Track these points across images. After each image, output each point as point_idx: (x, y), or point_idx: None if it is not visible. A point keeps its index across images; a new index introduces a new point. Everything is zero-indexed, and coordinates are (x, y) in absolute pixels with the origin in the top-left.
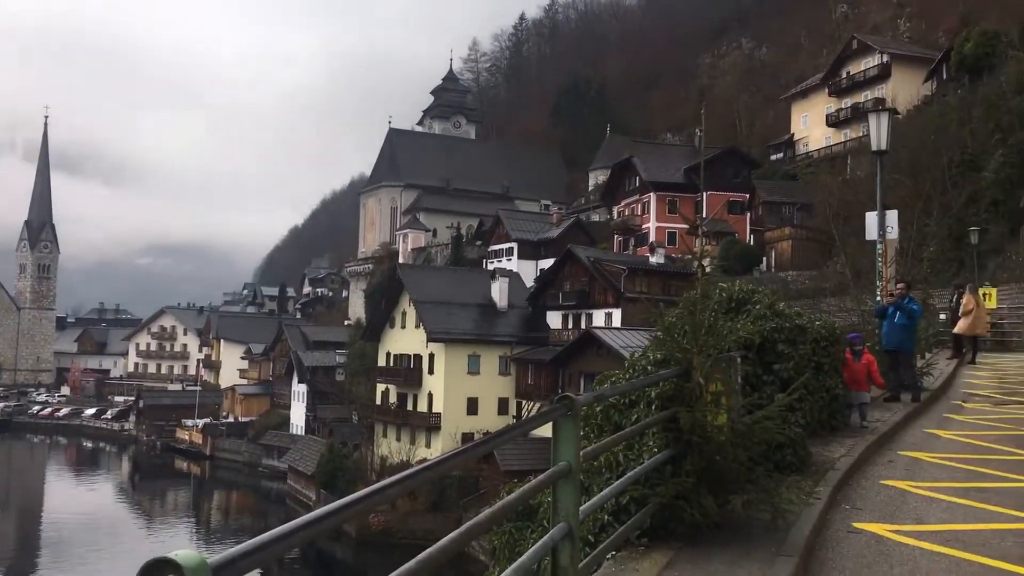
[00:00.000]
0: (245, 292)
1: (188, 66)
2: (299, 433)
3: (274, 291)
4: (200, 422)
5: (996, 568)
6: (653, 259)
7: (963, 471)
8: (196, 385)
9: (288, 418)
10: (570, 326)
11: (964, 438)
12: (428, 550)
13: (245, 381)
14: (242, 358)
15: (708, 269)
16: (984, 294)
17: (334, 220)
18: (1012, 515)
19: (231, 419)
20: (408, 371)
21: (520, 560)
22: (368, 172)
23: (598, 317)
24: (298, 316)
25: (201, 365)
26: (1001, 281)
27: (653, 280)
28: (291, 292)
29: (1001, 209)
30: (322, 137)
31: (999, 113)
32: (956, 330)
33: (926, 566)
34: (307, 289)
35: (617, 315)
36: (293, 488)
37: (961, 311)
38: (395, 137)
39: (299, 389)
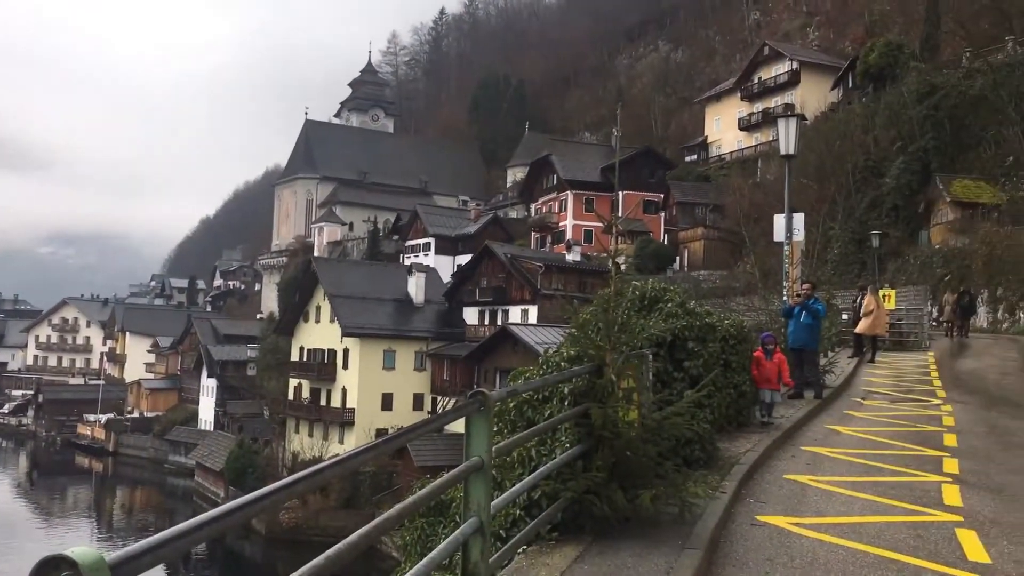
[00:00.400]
0: (153, 284)
1: (99, 51)
2: (208, 429)
3: (183, 283)
4: (103, 417)
5: (889, 558)
6: (569, 256)
7: (861, 466)
8: (99, 379)
9: (196, 413)
10: (487, 322)
11: (863, 434)
12: (336, 546)
13: (151, 375)
14: (148, 351)
15: (623, 267)
16: (884, 295)
17: (247, 212)
18: (905, 508)
19: (136, 414)
20: (322, 366)
21: (430, 555)
22: (283, 163)
23: (514, 313)
24: (208, 309)
25: (105, 358)
26: (900, 283)
27: (569, 277)
28: (201, 284)
29: (901, 214)
30: (236, 127)
31: (900, 122)
32: (857, 330)
33: (824, 557)
34: (218, 282)
35: (533, 311)
36: (201, 485)
37: (862, 312)
38: (312, 129)
39: (208, 384)
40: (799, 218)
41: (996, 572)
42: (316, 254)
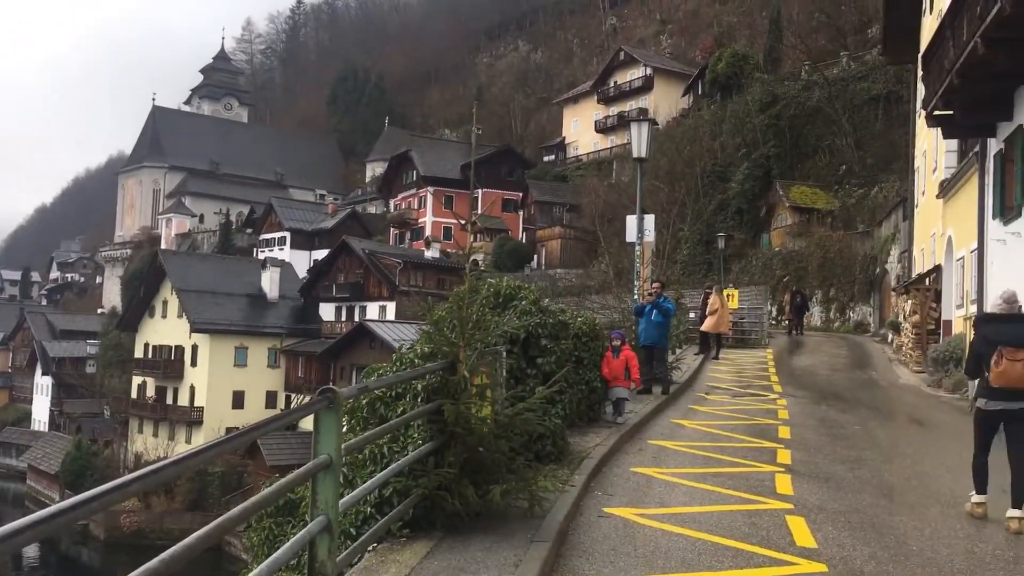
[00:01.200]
0: None
1: None
2: (42, 429)
3: (16, 275)
4: None
5: (725, 545)
6: (428, 253)
7: (702, 458)
8: None
9: (29, 413)
10: (343, 318)
11: (705, 427)
12: (172, 548)
13: None
14: None
15: (481, 265)
16: (727, 295)
17: (88, 200)
18: (742, 497)
19: None
20: (168, 363)
21: (275, 555)
22: (128, 151)
23: (372, 310)
24: (44, 303)
25: None
26: (743, 283)
27: (428, 274)
28: (36, 277)
29: (745, 217)
30: (76, 110)
31: (745, 129)
32: (702, 328)
33: (666, 546)
34: (55, 274)
35: (391, 308)
36: (34, 489)
37: (708, 311)
38: (159, 115)
39: (43, 382)
40: (650, 219)
41: (821, 555)
42: (163, 246)
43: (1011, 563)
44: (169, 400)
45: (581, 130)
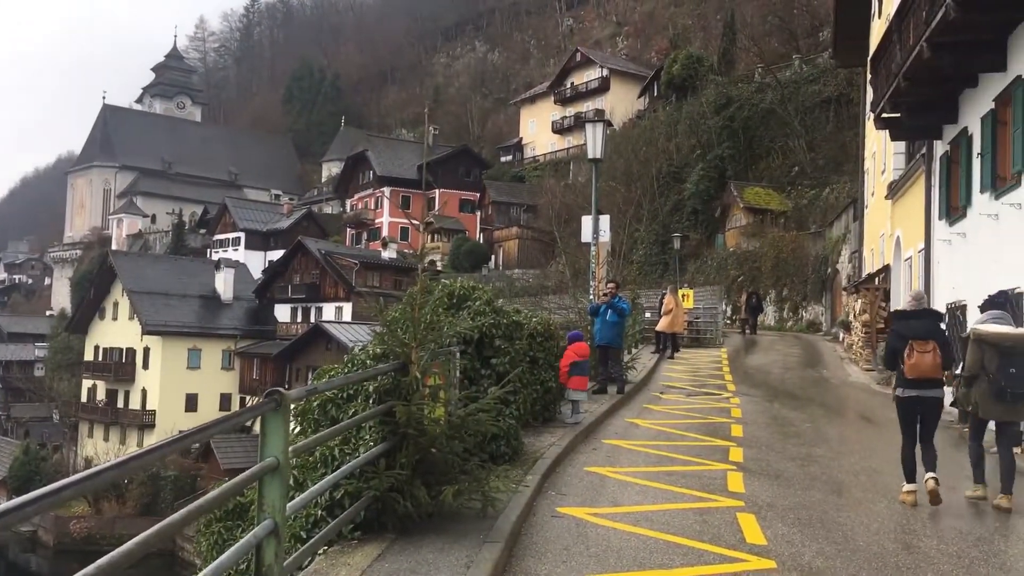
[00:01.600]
0: None
1: None
2: None
3: None
4: None
5: (676, 543)
6: (385, 254)
7: (656, 456)
8: None
9: None
10: (299, 319)
11: (659, 426)
12: (111, 554)
13: None
14: None
15: (439, 266)
16: (683, 295)
17: (37, 201)
18: (694, 495)
19: None
20: (119, 365)
21: (219, 559)
22: (78, 150)
23: (328, 311)
24: None
25: None
26: (698, 283)
27: (385, 275)
28: None
29: (700, 218)
30: (24, 108)
31: (700, 131)
32: (657, 328)
33: (618, 544)
34: (2, 275)
35: (348, 309)
36: None
37: (663, 311)
38: (110, 114)
39: None
40: (605, 220)
41: (770, 552)
42: (114, 247)
43: (954, 557)
44: (120, 403)
45: (538, 131)
